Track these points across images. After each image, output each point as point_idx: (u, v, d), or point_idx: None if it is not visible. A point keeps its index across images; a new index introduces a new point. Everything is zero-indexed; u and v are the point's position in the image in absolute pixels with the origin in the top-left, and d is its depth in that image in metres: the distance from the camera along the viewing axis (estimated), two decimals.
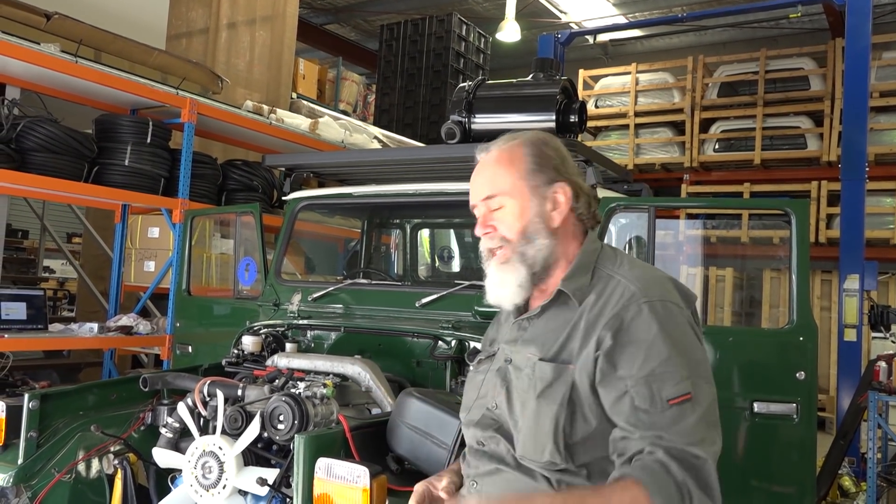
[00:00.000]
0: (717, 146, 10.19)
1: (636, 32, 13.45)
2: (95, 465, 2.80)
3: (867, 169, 7.08)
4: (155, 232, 6.08)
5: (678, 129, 10.55)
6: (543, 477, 1.53)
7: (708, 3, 12.20)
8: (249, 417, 2.38)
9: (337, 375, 2.74)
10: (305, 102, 8.41)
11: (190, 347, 4.53)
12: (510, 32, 10.78)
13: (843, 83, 8.03)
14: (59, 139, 5.00)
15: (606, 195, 3.37)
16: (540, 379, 1.58)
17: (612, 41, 13.80)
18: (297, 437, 2.00)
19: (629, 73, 10.85)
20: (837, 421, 6.47)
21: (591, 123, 10.55)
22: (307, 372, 2.72)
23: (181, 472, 2.47)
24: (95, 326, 5.32)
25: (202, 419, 2.53)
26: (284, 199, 4.15)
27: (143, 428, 2.90)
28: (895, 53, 9.15)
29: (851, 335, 6.66)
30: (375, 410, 2.74)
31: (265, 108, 6.63)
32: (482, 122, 3.65)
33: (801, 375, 3.02)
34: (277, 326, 3.40)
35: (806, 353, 3.04)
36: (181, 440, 2.62)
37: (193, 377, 2.74)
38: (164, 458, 2.57)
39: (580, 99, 3.72)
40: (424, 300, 3.37)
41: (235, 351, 3.15)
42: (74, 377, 6.84)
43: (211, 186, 6.16)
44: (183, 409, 2.55)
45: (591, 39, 11.45)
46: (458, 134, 3.63)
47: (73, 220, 9.00)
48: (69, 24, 5.35)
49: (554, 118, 3.50)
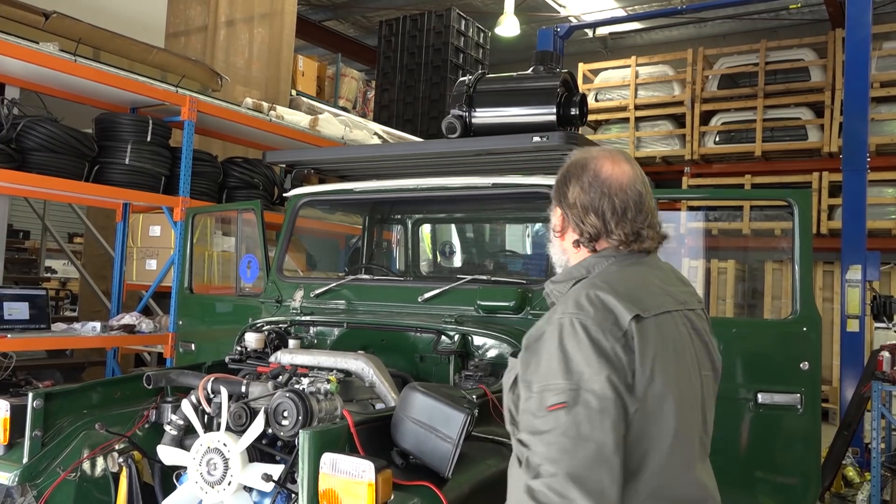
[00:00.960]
0: (717, 138, 10.18)
1: (635, 25, 13.44)
2: (100, 463, 2.80)
3: (868, 159, 7.06)
4: (156, 230, 6.08)
5: (678, 121, 10.53)
6: (514, 448, 1.72)
7: None
8: (254, 414, 2.37)
9: (340, 371, 2.73)
10: (305, 99, 8.40)
11: (193, 345, 4.53)
12: (509, 27, 10.76)
13: (843, 74, 8.01)
14: (59, 138, 5.00)
15: None
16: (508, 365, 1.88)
17: (611, 34, 13.79)
18: (301, 432, 2.00)
19: (629, 66, 10.83)
20: (841, 411, 6.48)
21: (591, 117, 10.54)
22: (311, 368, 2.72)
23: (186, 469, 2.47)
24: (98, 325, 5.32)
25: (206, 416, 2.53)
26: (285, 195, 4.15)
27: (147, 426, 2.90)
28: (895, 44, 9.12)
29: (854, 326, 6.66)
30: (379, 405, 2.75)
31: (265, 105, 6.63)
32: (483, 116, 3.64)
33: (804, 366, 3.02)
34: (280, 323, 3.40)
35: (810, 343, 3.04)
36: (186, 437, 2.62)
37: (197, 374, 2.74)
38: (168, 455, 2.56)
39: (580, 92, 3.71)
40: (427, 295, 3.37)
41: (238, 348, 3.15)
42: (78, 376, 6.85)
43: (212, 184, 6.16)
44: (187, 406, 2.55)
45: (590, 33, 11.47)
46: (458, 128, 3.62)
47: (74, 219, 9.01)
48: (68, 22, 5.34)
49: (555, 111, 3.49)
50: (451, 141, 3.65)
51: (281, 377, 2.57)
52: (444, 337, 3.05)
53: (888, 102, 9.08)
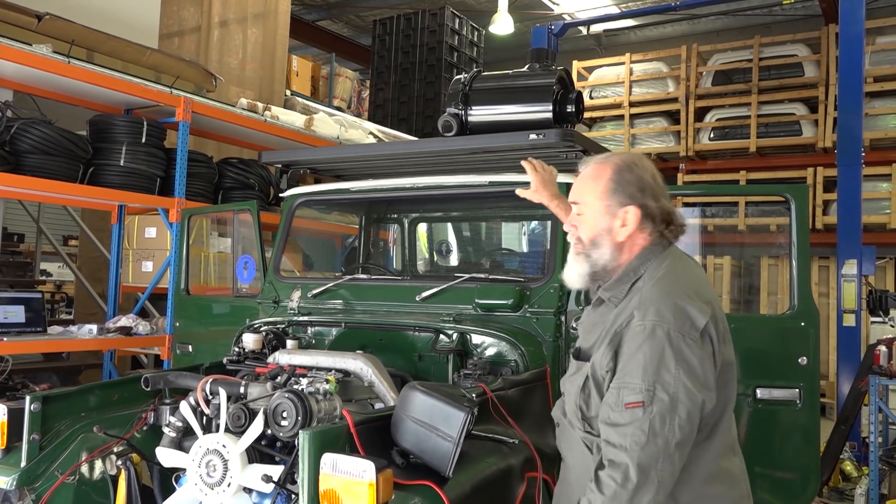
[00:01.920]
0: (712, 135, 10.19)
1: (629, 22, 13.44)
2: (99, 466, 2.79)
3: (863, 154, 7.08)
4: (152, 232, 6.06)
5: (673, 118, 10.55)
6: (584, 440, 2.02)
7: None
8: (253, 415, 2.36)
9: (339, 371, 2.72)
10: (300, 99, 8.38)
11: (190, 347, 4.52)
12: (503, 25, 10.75)
13: (837, 69, 8.03)
14: (53, 140, 4.98)
15: None
16: (570, 368, 2.15)
17: (605, 31, 13.79)
18: (301, 432, 1.99)
19: (623, 63, 10.84)
20: (838, 406, 6.49)
21: (586, 115, 10.53)
22: (309, 368, 2.71)
23: (185, 471, 2.46)
24: (95, 328, 5.31)
25: (205, 418, 2.52)
26: (282, 195, 4.14)
27: (145, 428, 2.89)
28: (889, 38, 9.15)
29: (850, 320, 6.68)
30: (378, 405, 2.74)
31: (260, 105, 6.61)
32: (479, 114, 3.63)
33: (803, 361, 3.02)
34: (278, 323, 3.38)
35: (808, 338, 3.04)
36: (184, 439, 2.61)
37: (195, 376, 2.72)
38: (167, 457, 2.55)
39: (576, 89, 3.71)
40: (425, 294, 3.37)
41: (236, 349, 3.13)
42: (74, 379, 6.82)
43: (207, 185, 6.14)
44: (186, 407, 2.54)
45: (584, 30, 11.46)
46: (454, 126, 3.61)
47: (68, 222, 8.97)
48: (60, 24, 5.32)
49: (551, 108, 3.48)
50: (447, 139, 3.65)
51: (280, 378, 2.56)
52: (442, 336, 3.04)
53: (882, 97, 9.10)
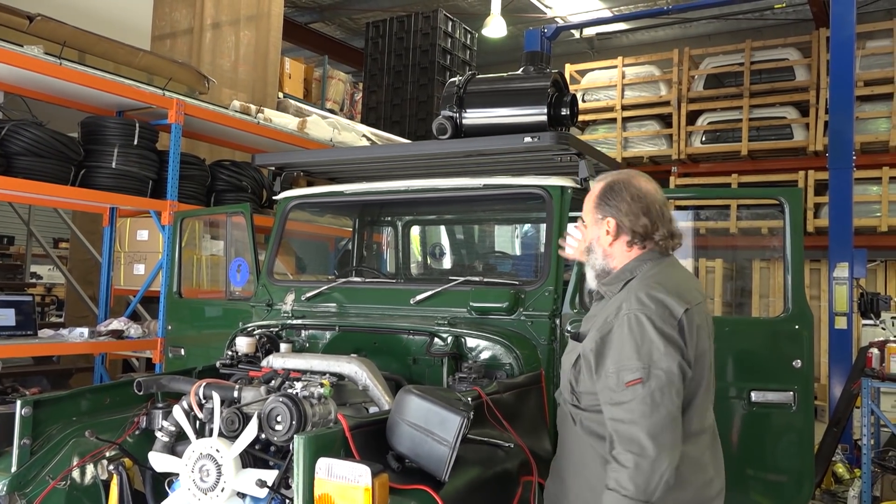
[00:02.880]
0: (704, 138, 10.23)
1: (622, 26, 13.49)
2: (90, 470, 2.76)
3: (854, 158, 7.12)
4: (144, 235, 6.02)
5: (665, 121, 10.57)
6: (570, 412, 2.34)
7: None
8: (246, 419, 2.35)
9: (333, 375, 2.71)
10: (293, 102, 8.36)
11: (182, 350, 4.49)
12: (496, 28, 10.76)
13: (827, 73, 8.08)
14: (44, 142, 4.94)
15: None
16: (568, 347, 2.46)
17: (597, 35, 13.83)
18: (296, 437, 1.98)
19: (615, 66, 10.87)
20: (830, 409, 6.52)
21: (578, 118, 10.54)
22: (303, 372, 2.69)
23: (178, 476, 2.44)
24: (86, 331, 5.27)
25: (198, 422, 2.50)
26: (275, 198, 4.12)
27: (138, 432, 2.86)
28: (879, 42, 9.21)
29: (842, 323, 6.70)
30: (373, 409, 2.73)
31: (253, 107, 6.59)
32: (473, 116, 3.63)
33: (797, 364, 3.03)
34: (271, 327, 3.37)
35: (802, 341, 3.05)
36: (177, 444, 2.59)
37: (189, 380, 2.70)
38: (160, 462, 2.53)
39: (570, 92, 3.71)
40: (419, 297, 3.36)
41: (229, 352, 3.11)
42: (65, 383, 6.77)
43: (199, 188, 6.11)
44: (179, 412, 2.52)
45: (576, 34, 11.50)
46: (449, 129, 3.61)
47: (59, 224, 8.92)
48: (52, 25, 5.28)
49: (545, 111, 3.49)
50: (441, 142, 3.64)
51: (273, 381, 2.54)
52: (437, 339, 3.03)
53: (872, 101, 9.16)
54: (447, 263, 5.03)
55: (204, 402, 2.50)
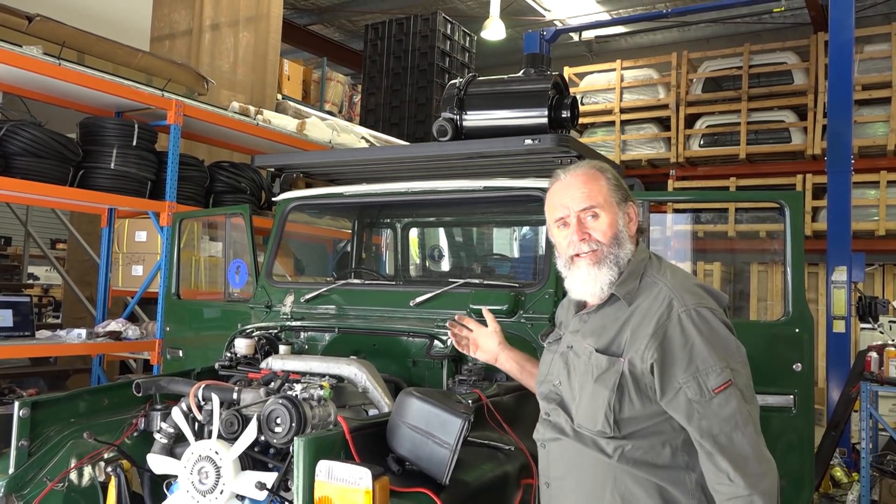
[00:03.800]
0: (702, 141, 10.24)
1: (620, 29, 13.50)
2: (88, 472, 2.74)
3: (852, 161, 7.13)
4: (142, 236, 6.01)
5: (663, 124, 10.59)
6: (594, 442, 1.93)
7: None
8: (246, 421, 2.34)
9: (333, 377, 2.70)
10: (291, 103, 8.36)
11: (181, 352, 4.48)
12: (495, 31, 10.77)
13: (826, 77, 8.10)
14: (42, 143, 4.93)
15: None
16: (596, 367, 1.95)
17: (596, 38, 13.81)
18: (296, 439, 1.97)
19: (614, 69, 10.88)
20: (828, 412, 6.52)
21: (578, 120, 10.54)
22: (303, 374, 2.68)
23: (176, 478, 2.43)
24: (84, 332, 5.25)
25: (197, 424, 2.49)
26: (274, 199, 4.12)
27: (136, 434, 2.85)
28: (877, 47, 9.23)
29: (840, 326, 6.71)
30: (372, 411, 2.72)
31: (252, 109, 6.58)
32: (474, 118, 3.63)
33: (797, 367, 3.03)
34: (270, 328, 3.36)
35: (802, 344, 3.05)
36: (176, 446, 2.58)
37: (188, 381, 2.69)
38: (159, 464, 2.52)
39: (571, 94, 3.71)
40: (419, 299, 3.35)
41: (228, 354, 3.10)
42: (62, 384, 6.75)
43: (198, 189, 6.11)
44: (178, 413, 2.51)
45: (575, 37, 11.48)
46: (449, 131, 3.61)
47: (57, 225, 8.90)
48: (51, 26, 5.27)
49: (546, 114, 3.48)
50: (441, 144, 3.64)
51: (273, 383, 2.53)
52: (436, 341, 3.02)
53: (870, 105, 9.17)
54: (446, 265, 5.03)
55: (203, 403, 2.49)
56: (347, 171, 4.25)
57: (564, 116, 3.52)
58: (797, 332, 3.06)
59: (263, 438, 2.30)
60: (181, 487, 2.37)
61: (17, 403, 2.66)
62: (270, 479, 2.21)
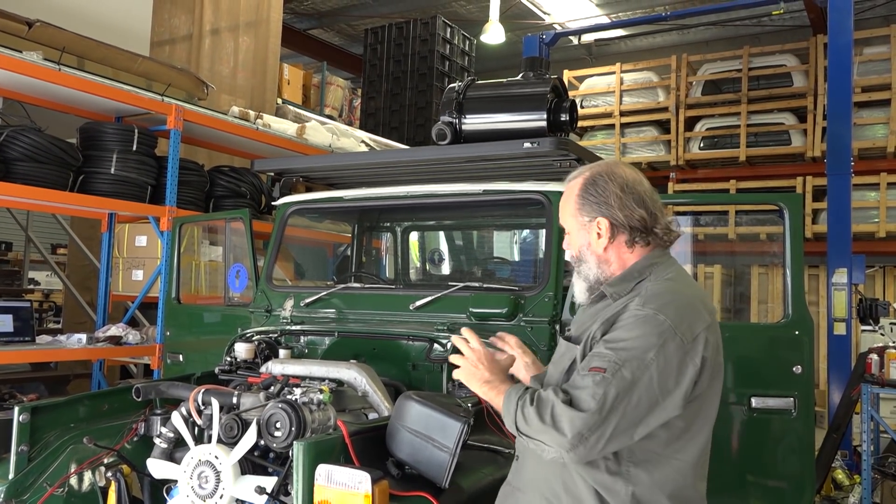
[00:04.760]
0: (702, 144, 10.24)
1: (620, 32, 13.51)
2: (88, 477, 2.75)
3: (852, 164, 7.13)
4: (142, 240, 6.02)
5: (663, 127, 10.59)
6: None
7: (690, 1, 12.27)
8: (245, 425, 2.34)
9: (333, 381, 2.71)
10: (291, 108, 8.37)
11: (181, 356, 4.48)
12: (494, 34, 10.78)
13: (825, 79, 8.10)
14: (42, 148, 4.94)
15: None
16: (557, 352, 2.10)
17: (596, 41, 13.85)
18: (296, 443, 1.97)
19: (613, 72, 10.89)
20: (829, 415, 6.51)
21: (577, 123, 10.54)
22: (302, 378, 2.69)
23: (176, 482, 2.43)
24: (84, 337, 5.25)
25: (197, 428, 2.50)
26: (274, 204, 4.12)
27: (136, 439, 2.86)
28: (876, 49, 9.23)
29: (841, 329, 6.70)
30: (372, 415, 2.72)
31: (252, 113, 6.59)
32: (473, 122, 3.63)
33: (797, 370, 3.02)
34: (270, 333, 3.36)
35: (802, 347, 3.05)
36: (176, 450, 2.58)
37: (187, 386, 2.70)
38: (158, 468, 2.52)
39: (570, 98, 3.71)
40: (418, 303, 3.35)
41: (228, 358, 3.11)
42: (62, 389, 6.76)
43: (198, 193, 6.11)
44: (177, 418, 2.51)
45: (575, 40, 11.50)
46: (448, 135, 3.61)
47: (57, 230, 8.91)
48: (51, 31, 5.28)
49: (545, 117, 3.48)
50: (441, 147, 3.64)
51: (273, 388, 2.54)
52: (436, 345, 3.02)
53: (870, 107, 9.17)
54: (446, 269, 5.03)
55: (203, 408, 2.49)
56: (347, 175, 4.26)
57: (563, 119, 3.52)
58: (797, 334, 3.06)
59: (263, 443, 2.31)
60: (181, 492, 2.38)
61: (16, 408, 2.67)
62: (270, 483, 2.21)
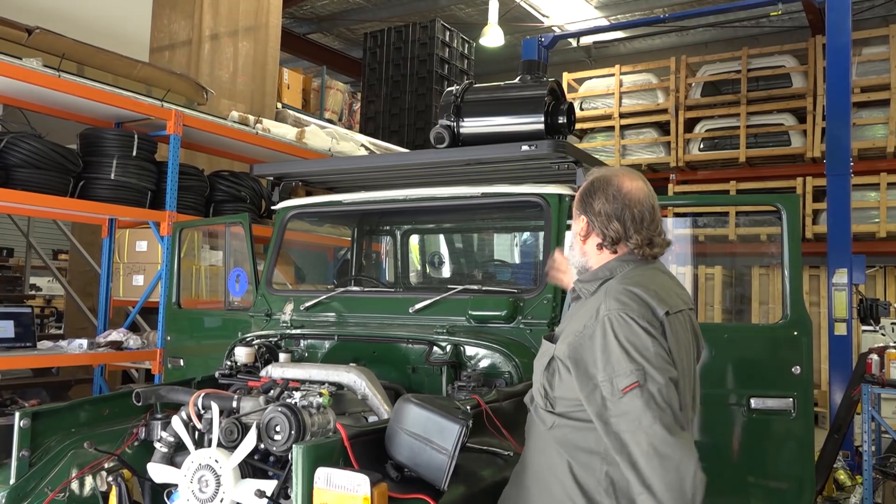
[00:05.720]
0: (702, 145, 10.24)
1: (619, 34, 13.52)
2: (89, 482, 2.76)
3: (851, 164, 7.13)
4: (143, 245, 6.03)
5: (663, 129, 10.59)
6: (539, 413, 2.16)
7: (689, 3, 12.29)
8: (245, 429, 2.35)
9: (332, 384, 2.71)
10: (291, 112, 8.38)
11: (181, 361, 4.49)
12: (493, 37, 10.80)
13: (824, 80, 8.10)
14: (43, 154, 4.95)
15: None
16: (539, 349, 2.25)
17: (595, 44, 13.88)
18: (295, 447, 1.97)
19: (613, 74, 10.90)
20: (830, 415, 6.50)
21: (576, 126, 10.56)
22: (302, 381, 2.69)
23: (177, 486, 2.44)
24: (85, 343, 5.26)
25: (197, 432, 2.50)
26: (274, 208, 4.13)
27: (136, 443, 2.86)
28: (875, 49, 9.23)
29: (842, 329, 6.69)
30: (372, 418, 2.72)
31: (251, 118, 6.61)
32: (471, 125, 3.64)
33: (796, 370, 3.03)
34: (270, 337, 3.37)
35: (801, 347, 3.05)
36: (176, 454, 2.59)
37: (187, 390, 2.70)
38: (159, 473, 2.53)
39: (567, 101, 3.72)
40: (418, 306, 3.36)
41: (228, 363, 3.11)
42: (64, 395, 6.75)
43: (198, 198, 6.12)
44: (178, 422, 2.52)
45: (574, 42, 11.51)
46: (447, 138, 3.62)
47: (58, 236, 8.92)
48: (51, 38, 5.30)
49: (542, 120, 3.50)
50: (439, 151, 3.65)
51: (272, 391, 2.54)
52: (435, 348, 3.03)
53: (869, 107, 9.17)
54: (446, 272, 5.03)
55: (203, 412, 2.50)
56: (346, 178, 4.27)
57: (561, 122, 3.53)
58: (796, 334, 3.07)
59: (263, 446, 2.31)
60: (181, 496, 2.38)
61: (17, 414, 2.67)
62: (270, 486, 2.21)
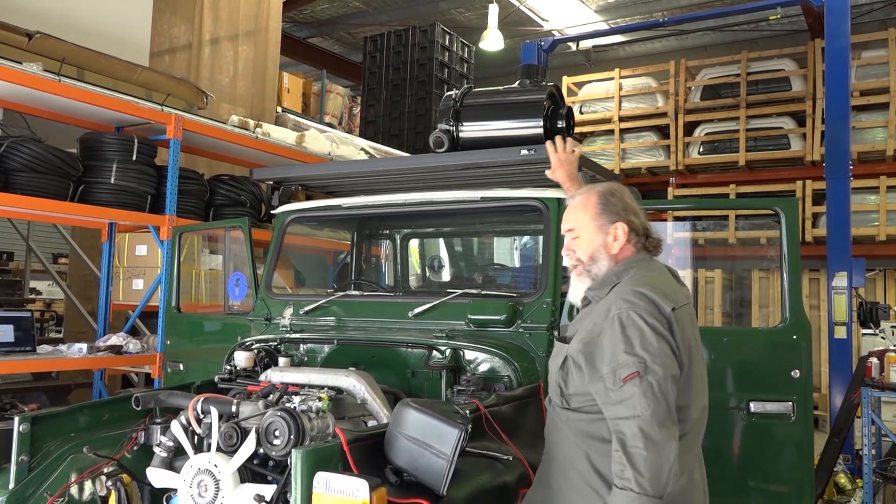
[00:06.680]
0: (701, 149, 10.26)
1: (618, 38, 13.57)
2: (88, 487, 2.76)
3: (850, 167, 7.14)
4: (143, 250, 6.03)
5: (663, 132, 10.61)
6: (556, 410, 2.32)
7: (688, 7, 12.31)
8: (245, 434, 2.35)
9: (332, 388, 2.71)
10: (291, 116, 8.39)
11: (181, 365, 4.48)
12: (493, 41, 10.83)
13: (823, 83, 8.12)
14: (43, 159, 4.96)
15: None
16: (554, 350, 2.43)
17: (594, 47, 13.90)
18: (294, 451, 1.97)
19: (612, 78, 10.92)
20: (830, 418, 6.50)
21: (576, 130, 10.55)
22: (301, 386, 2.69)
23: (176, 491, 2.44)
24: (85, 347, 5.26)
25: (196, 437, 2.50)
26: (273, 212, 4.13)
27: (136, 448, 2.85)
28: (874, 53, 9.25)
29: (841, 332, 6.70)
30: (371, 422, 2.72)
31: (251, 122, 6.61)
32: (470, 129, 3.64)
33: (796, 374, 3.03)
34: (270, 341, 3.37)
35: (800, 351, 3.05)
36: (175, 459, 2.59)
37: (187, 395, 2.70)
38: (158, 477, 2.53)
39: (566, 105, 3.72)
40: (417, 310, 3.36)
41: (228, 367, 3.11)
42: (64, 399, 6.75)
43: (198, 202, 6.13)
44: (177, 427, 2.52)
45: (573, 46, 11.55)
46: (446, 142, 3.62)
47: (58, 240, 8.93)
48: (51, 42, 5.31)
49: (542, 124, 3.50)
50: (438, 155, 3.65)
51: (272, 396, 2.54)
52: (435, 352, 3.03)
53: (868, 111, 9.19)
54: (445, 276, 5.03)
55: (202, 417, 2.49)
56: (346, 183, 4.27)
57: (560, 126, 3.53)
58: (795, 338, 3.07)
59: (262, 451, 2.31)
60: (181, 500, 2.38)
61: (17, 418, 2.67)
62: (269, 491, 2.21)
